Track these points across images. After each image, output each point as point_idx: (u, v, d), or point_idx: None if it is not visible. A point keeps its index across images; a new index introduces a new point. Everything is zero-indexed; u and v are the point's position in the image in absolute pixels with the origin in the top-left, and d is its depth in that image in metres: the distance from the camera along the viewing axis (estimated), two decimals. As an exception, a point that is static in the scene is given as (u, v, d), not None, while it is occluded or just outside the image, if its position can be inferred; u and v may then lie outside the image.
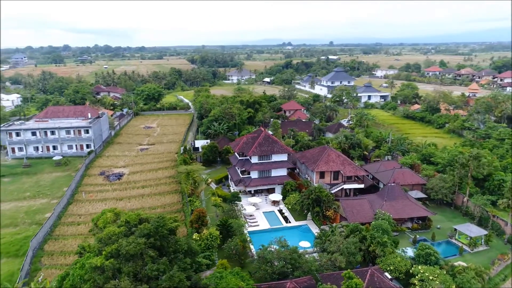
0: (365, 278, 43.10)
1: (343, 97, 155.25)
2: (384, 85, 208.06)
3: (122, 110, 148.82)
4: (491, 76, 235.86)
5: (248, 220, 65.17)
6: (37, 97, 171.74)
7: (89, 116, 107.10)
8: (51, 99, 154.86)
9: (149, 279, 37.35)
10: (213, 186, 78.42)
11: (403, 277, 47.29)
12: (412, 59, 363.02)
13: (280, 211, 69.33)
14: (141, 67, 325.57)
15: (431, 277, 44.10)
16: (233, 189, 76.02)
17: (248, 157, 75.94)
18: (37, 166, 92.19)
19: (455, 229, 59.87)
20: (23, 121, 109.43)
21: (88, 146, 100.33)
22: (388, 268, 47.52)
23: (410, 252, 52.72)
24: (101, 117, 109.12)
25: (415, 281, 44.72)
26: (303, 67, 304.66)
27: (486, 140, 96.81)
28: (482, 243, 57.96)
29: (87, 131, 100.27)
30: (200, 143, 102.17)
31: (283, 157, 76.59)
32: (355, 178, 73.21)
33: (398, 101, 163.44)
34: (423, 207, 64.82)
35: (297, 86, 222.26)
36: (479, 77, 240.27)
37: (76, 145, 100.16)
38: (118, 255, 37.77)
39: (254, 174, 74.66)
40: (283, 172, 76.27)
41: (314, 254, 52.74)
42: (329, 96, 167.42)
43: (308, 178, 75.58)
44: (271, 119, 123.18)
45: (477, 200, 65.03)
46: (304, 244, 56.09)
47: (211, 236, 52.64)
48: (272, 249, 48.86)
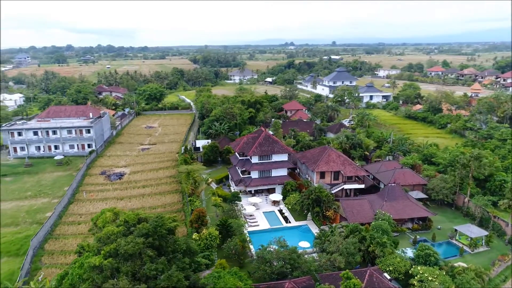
0: (364, 278, 43.05)
1: (345, 97, 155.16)
2: (386, 85, 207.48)
3: (124, 110, 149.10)
4: (494, 76, 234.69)
5: (248, 220, 65.18)
6: (39, 97, 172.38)
7: (91, 116, 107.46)
8: (53, 99, 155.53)
9: (148, 278, 37.41)
10: (214, 186, 78.48)
11: (403, 277, 47.21)
12: (415, 59, 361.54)
13: (280, 211, 69.30)
14: (144, 67, 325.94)
15: (430, 278, 43.99)
16: (234, 189, 76.06)
17: (248, 157, 75.96)
18: (38, 165, 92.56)
19: (456, 230, 59.68)
20: (25, 121, 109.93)
21: (89, 145, 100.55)
22: (388, 269, 47.43)
23: (410, 252, 52.59)
24: (102, 117, 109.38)
25: (415, 282, 44.62)
26: (305, 67, 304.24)
27: (488, 141, 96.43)
28: (483, 244, 57.76)
29: (88, 131, 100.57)
30: (201, 143, 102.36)
31: (284, 157, 76.56)
32: (356, 178, 73.04)
33: (400, 101, 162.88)
34: (424, 207, 64.61)
35: (299, 86, 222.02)
36: (482, 77, 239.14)
37: (77, 144, 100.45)
38: (116, 255, 37.86)
39: (254, 174, 74.68)
40: (283, 172, 76.24)
41: (314, 254, 52.72)
42: (331, 96, 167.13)
43: (309, 178, 75.50)
44: (273, 119, 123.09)
45: (478, 201, 64.86)
46: (304, 244, 56.05)
47: (211, 236, 52.70)
48: (271, 249, 48.87)
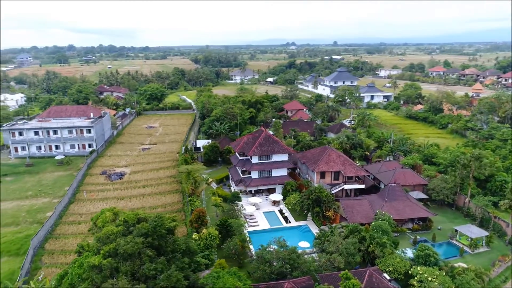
0: (363, 278, 43.01)
1: (346, 97, 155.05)
2: (387, 85, 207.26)
3: (125, 110, 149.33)
4: (495, 76, 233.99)
5: (248, 220, 65.17)
6: (41, 97, 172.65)
7: (92, 116, 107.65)
8: (54, 99, 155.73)
9: (147, 278, 37.43)
10: (214, 186, 78.49)
11: (402, 278, 47.11)
12: (416, 59, 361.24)
13: (281, 211, 69.26)
14: (145, 67, 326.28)
15: (430, 278, 43.91)
16: (234, 189, 76.07)
17: (248, 157, 75.96)
18: (39, 165, 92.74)
19: (456, 230, 59.54)
20: (26, 121, 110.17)
21: (90, 145, 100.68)
22: (387, 269, 47.33)
23: (410, 253, 52.49)
24: (103, 117, 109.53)
25: (414, 282, 44.54)
26: (307, 67, 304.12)
27: (489, 141, 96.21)
28: (483, 244, 57.61)
29: (89, 131, 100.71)
30: (201, 143, 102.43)
31: (284, 157, 76.52)
32: (356, 179, 72.95)
33: (401, 101, 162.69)
34: (424, 207, 64.50)
35: (300, 86, 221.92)
36: (483, 77, 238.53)
37: (78, 144, 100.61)
38: (116, 254, 37.90)
39: (254, 174, 74.66)
40: (283, 172, 76.20)
41: (313, 255, 52.67)
42: (332, 96, 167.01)
43: (309, 178, 75.45)
44: (273, 119, 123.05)
45: (478, 201, 64.72)
46: (304, 244, 56.03)
47: (210, 235, 52.69)
48: (271, 249, 48.85)
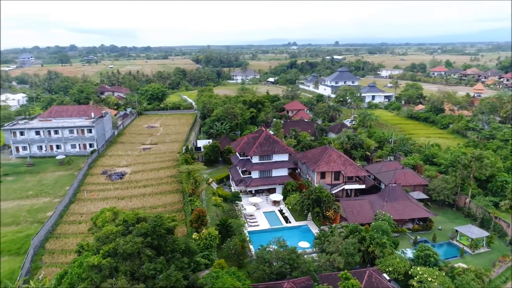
0: (363, 279, 42.93)
1: (347, 97, 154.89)
2: (388, 85, 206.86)
3: (126, 110, 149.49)
4: (497, 76, 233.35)
5: (248, 220, 65.16)
6: (42, 97, 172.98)
7: (92, 116, 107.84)
8: (55, 99, 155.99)
9: (146, 278, 37.44)
10: (215, 185, 78.51)
11: (402, 278, 47.03)
12: (418, 59, 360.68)
13: (281, 211, 69.23)
14: (146, 67, 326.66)
15: (430, 279, 43.82)
16: (234, 189, 76.07)
17: (249, 157, 75.95)
18: (40, 165, 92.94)
19: (457, 231, 59.43)
20: (28, 121, 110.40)
21: (91, 145, 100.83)
22: (387, 269, 47.25)
23: (410, 253, 52.40)
24: (104, 117, 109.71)
25: (414, 283, 44.46)
26: (308, 67, 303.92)
27: (490, 141, 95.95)
28: (484, 244, 57.45)
29: (90, 131, 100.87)
30: (202, 143, 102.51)
31: (284, 157, 76.47)
32: (356, 179, 72.87)
33: (402, 101, 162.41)
34: (424, 208, 64.37)
35: (301, 86, 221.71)
36: (485, 77, 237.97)
37: (79, 144, 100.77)
38: (115, 254, 37.92)
39: (255, 174, 74.65)
40: (284, 172, 76.16)
41: (313, 255, 52.62)
42: (333, 96, 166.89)
43: (309, 178, 75.40)
44: (274, 119, 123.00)
45: (479, 201, 64.58)
46: (304, 244, 55.99)
47: (210, 235, 52.70)
48: (271, 249, 48.84)
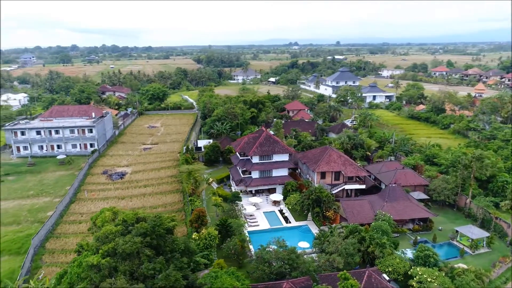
0: (362, 279, 42.87)
1: (348, 97, 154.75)
2: (389, 85, 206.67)
3: (127, 110, 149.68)
4: (498, 76, 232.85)
5: (248, 220, 65.15)
6: (43, 97, 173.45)
7: (93, 116, 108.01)
8: (57, 99, 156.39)
9: (145, 278, 37.46)
10: (215, 185, 78.53)
11: (402, 278, 46.94)
12: (419, 59, 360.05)
13: (281, 211, 69.20)
14: (147, 67, 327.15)
15: (429, 279, 43.72)
16: (234, 189, 76.06)
17: (249, 157, 75.94)
18: (41, 164, 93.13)
19: (457, 231, 59.29)
20: (29, 120, 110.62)
21: (91, 145, 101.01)
22: (387, 270, 47.16)
23: (410, 253, 52.30)
24: (105, 117, 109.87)
25: (413, 283, 44.37)
26: (309, 67, 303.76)
27: (491, 141, 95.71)
28: (484, 245, 57.31)
29: (90, 131, 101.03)
30: (202, 143, 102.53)
31: (284, 157, 76.42)
32: (357, 179, 72.79)
33: (403, 101, 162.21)
34: (425, 208, 64.24)
35: (302, 86, 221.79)
36: (486, 77, 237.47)
37: (80, 144, 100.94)
38: (114, 254, 37.95)
39: (255, 174, 74.62)
40: (284, 172, 76.11)
41: (313, 255, 52.58)
42: (334, 96, 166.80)
43: (309, 178, 75.34)
44: (274, 119, 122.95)
45: (479, 202, 64.42)
46: (303, 244, 55.96)
47: (210, 235, 52.71)
48: (271, 249, 48.82)
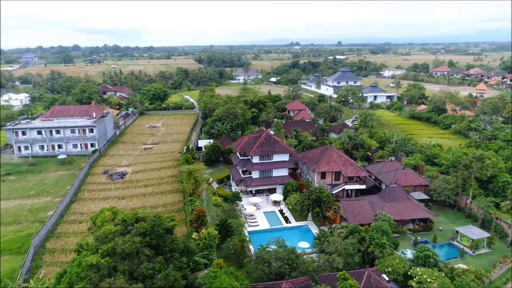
0: (361, 279, 42.81)
1: (349, 97, 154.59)
2: (391, 85, 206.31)
3: (128, 110, 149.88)
4: (500, 77, 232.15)
5: (248, 220, 65.16)
6: (44, 97, 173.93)
7: (94, 116, 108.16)
8: (58, 99, 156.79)
9: (145, 277, 37.47)
10: (215, 185, 78.56)
11: (402, 279, 46.87)
12: (421, 59, 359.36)
13: (281, 211, 69.19)
14: (149, 67, 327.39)
15: (429, 279, 43.62)
16: (235, 189, 76.08)
17: (249, 157, 75.94)
18: (42, 164, 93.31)
19: (457, 231, 59.20)
20: (30, 120, 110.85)
21: (92, 145, 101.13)
22: (386, 270, 47.09)
23: (410, 254, 52.20)
24: (105, 117, 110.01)
25: (413, 283, 44.29)
26: (310, 67, 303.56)
27: (492, 141, 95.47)
28: (484, 245, 57.19)
29: (91, 130, 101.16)
30: (203, 143, 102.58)
31: (285, 157, 76.40)
32: (357, 179, 72.70)
33: (405, 102, 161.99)
34: (425, 208, 64.14)
35: (303, 86, 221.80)
36: (488, 77, 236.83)
37: (80, 144, 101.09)
38: (114, 254, 37.98)
39: (255, 174, 74.61)
40: (284, 172, 76.09)
41: (313, 255, 52.56)
42: (335, 96, 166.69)
43: (310, 178, 75.29)
44: (275, 119, 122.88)
45: (480, 202, 64.29)
46: (303, 244, 55.97)
47: (209, 235, 52.71)
48: (270, 249, 48.83)
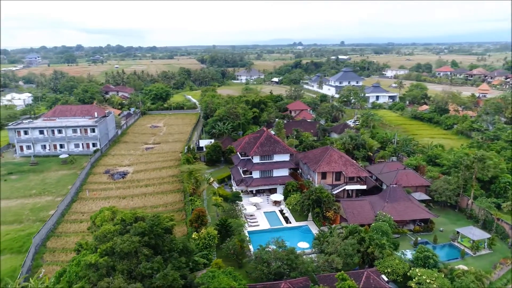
0: (360, 280, 42.72)
1: (351, 97, 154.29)
2: (393, 85, 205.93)
3: (130, 110, 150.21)
4: (504, 77, 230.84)
5: (248, 220, 65.14)
6: (47, 96, 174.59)
7: (96, 115, 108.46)
8: (60, 98, 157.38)
9: (143, 277, 37.56)
10: (216, 185, 78.60)
11: (401, 279, 46.70)
12: (424, 59, 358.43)
13: (281, 211, 69.13)
14: (151, 66, 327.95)
15: (428, 280, 43.41)
16: (235, 189, 76.09)
17: (250, 157, 75.93)
18: (44, 164, 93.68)
19: (458, 232, 58.94)
20: (32, 120, 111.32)
21: (94, 144, 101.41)
22: (386, 270, 46.92)
23: (410, 254, 51.99)
24: (107, 116, 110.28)
25: (413, 284, 44.10)
26: (313, 67, 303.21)
27: (495, 142, 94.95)
28: (485, 246, 56.91)
29: (93, 130, 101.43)
30: (204, 143, 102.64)
31: (285, 157, 76.32)
32: (358, 179, 72.54)
33: (407, 102, 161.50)
34: (426, 209, 63.90)
35: (305, 86, 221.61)
36: (491, 78, 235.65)
37: (82, 143, 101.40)
38: (112, 253, 38.10)
39: (255, 174, 74.59)
40: (284, 172, 76.02)
41: (313, 255, 52.49)
42: (337, 96, 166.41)
43: (310, 178, 75.20)
44: (276, 119, 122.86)
45: (481, 203, 63.95)
46: (303, 245, 55.89)
47: (209, 235, 52.75)
48: (270, 249, 48.80)
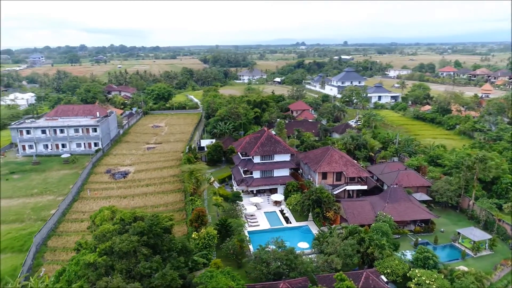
0: (359, 280, 42.60)
1: (353, 98, 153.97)
2: (396, 85, 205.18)
3: (132, 109, 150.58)
4: (507, 77, 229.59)
5: (248, 220, 65.13)
6: (50, 96, 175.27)
7: (98, 115, 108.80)
8: (63, 98, 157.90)
9: (142, 276, 37.66)
10: (217, 185, 78.69)
11: (401, 280, 46.53)
12: (427, 59, 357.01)
13: (282, 211, 69.08)
14: (154, 66, 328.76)
15: (428, 281, 43.26)
16: (236, 189, 76.10)
17: (250, 157, 75.92)
18: (46, 163, 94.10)
19: (459, 233, 58.68)
20: (34, 119, 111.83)
21: (96, 144, 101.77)
22: (385, 271, 46.78)
23: (409, 255, 51.80)
24: (109, 116, 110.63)
25: (412, 285, 43.95)
26: (315, 67, 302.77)
27: (497, 142, 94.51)
28: (486, 247, 56.63)
29: (95, 130, 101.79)
30: (205, 143, 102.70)
31: (286, 157, 76.25)
32: (358, 180, 72.37)
33: (409, 102, 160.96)
34: (426, 209, 63.66)
35: (308, 86, 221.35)
36: (494, 78, 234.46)
37: (84, 143, 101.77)
38: (111, 252, 38.24)
39: (256, 174, 74.57)
40: (285, 172, 75.95)
41: (312, 256, 52.42)
42: (339, 96, 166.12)
43: (311, 178, 75.10)
44: (278, 119, 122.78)
45: (482, 204, 63.65)
46: (303, 245, 55.84)
47: (209, 235, 52.76)
48: (269, 250, 48.77)
